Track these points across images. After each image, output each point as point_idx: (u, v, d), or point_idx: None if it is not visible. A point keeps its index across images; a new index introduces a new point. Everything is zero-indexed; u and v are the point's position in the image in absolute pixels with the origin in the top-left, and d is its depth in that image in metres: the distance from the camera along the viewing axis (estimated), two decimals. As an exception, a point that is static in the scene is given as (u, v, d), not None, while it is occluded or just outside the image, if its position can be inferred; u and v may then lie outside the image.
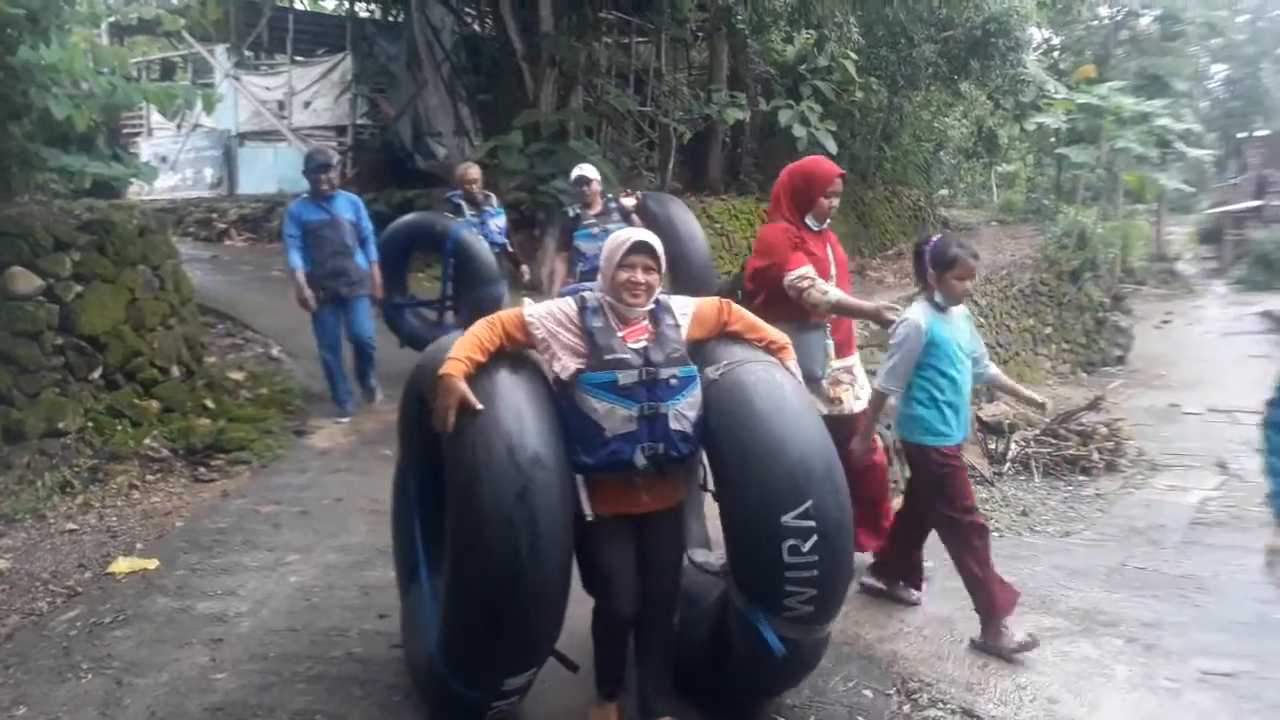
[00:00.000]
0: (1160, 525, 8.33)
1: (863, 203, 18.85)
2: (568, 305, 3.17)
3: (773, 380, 3.09)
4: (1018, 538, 7.80)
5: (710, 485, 3.22)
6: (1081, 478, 10.28)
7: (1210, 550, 7.09)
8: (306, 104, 15.55)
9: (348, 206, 7.32)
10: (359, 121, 15.23)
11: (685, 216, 8.21)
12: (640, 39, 16.09)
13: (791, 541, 2.85)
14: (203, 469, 6.36)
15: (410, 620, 3.64)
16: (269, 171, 15.60)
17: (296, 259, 7.17)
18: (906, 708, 3.67)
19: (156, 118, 17.20)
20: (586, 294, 3.21)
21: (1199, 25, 28.19)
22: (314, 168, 7.22)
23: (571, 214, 7.34)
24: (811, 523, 2.85)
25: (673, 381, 3.05)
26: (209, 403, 7.37)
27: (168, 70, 17.80)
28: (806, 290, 4.44)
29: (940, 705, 3.68)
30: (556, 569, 2.88)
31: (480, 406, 2.89)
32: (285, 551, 5.07)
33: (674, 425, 3.04)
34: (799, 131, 15.81)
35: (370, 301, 7.55)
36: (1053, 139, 20.90)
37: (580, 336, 3.08)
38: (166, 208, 15.10)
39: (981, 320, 13.36)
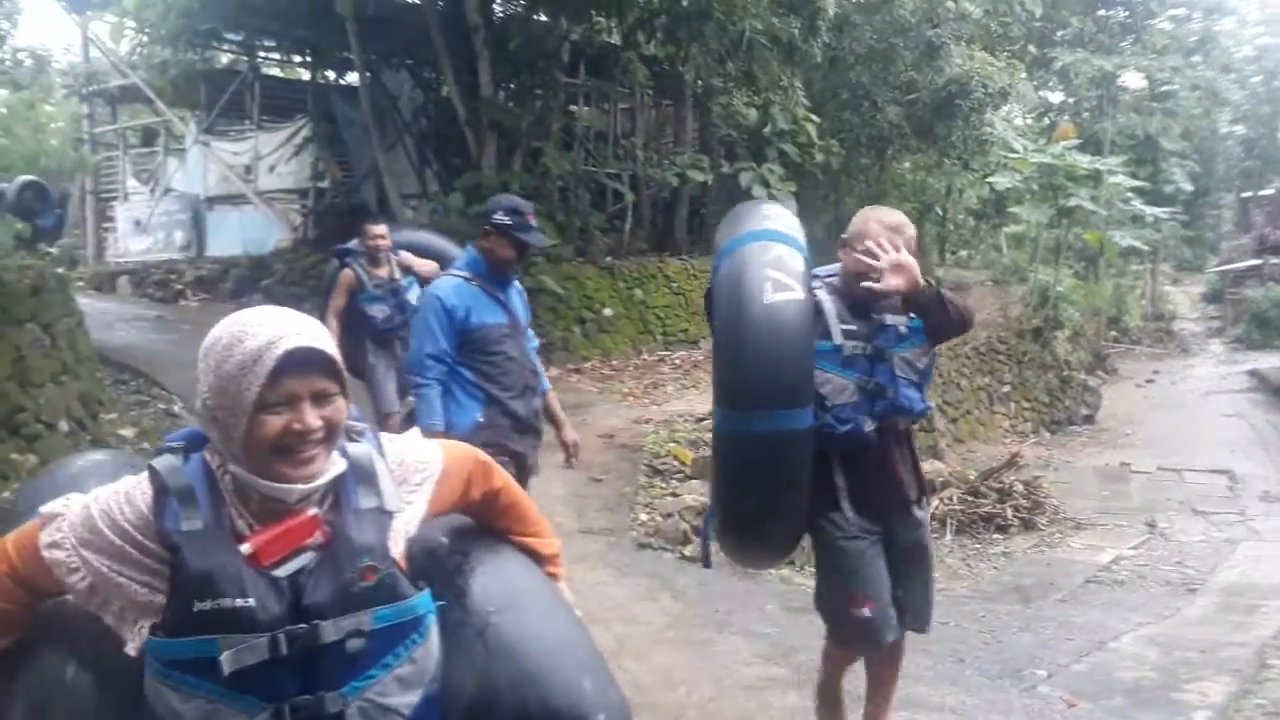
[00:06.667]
0: (1049, 583, 8.24)
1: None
2: (137, 495, 1.48)
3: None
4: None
5: None
6: (995, 535, 10.18)
7: (1060, 608, 7.06)
8: (271, 168, 15.95)
9: (520, 302, 4.15)
10: (320, 185, 15.60)
11: None
12: (604, 104, 16.47)
13: None
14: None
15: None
16: (235, 234, 15.98)
17: (436, 409, 3.73)
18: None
19: (132, 182, 17.75)
20: (177, 457, 1.52)
21: (1189, 87, 28.23)
22: (510, 209, 3.86)
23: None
24: None
25: (352, 645, 1.46)
26: (88, 457, 7.50)
27: (149, 136, 18.40)
28: None
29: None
30: None
31: None
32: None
33: None
34: (758, 193, 16.04)
35: None
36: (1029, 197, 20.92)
37: (156, 561, 1.44)
38: (131, 268, 15.65)
39: (935, 378, 13.30)
